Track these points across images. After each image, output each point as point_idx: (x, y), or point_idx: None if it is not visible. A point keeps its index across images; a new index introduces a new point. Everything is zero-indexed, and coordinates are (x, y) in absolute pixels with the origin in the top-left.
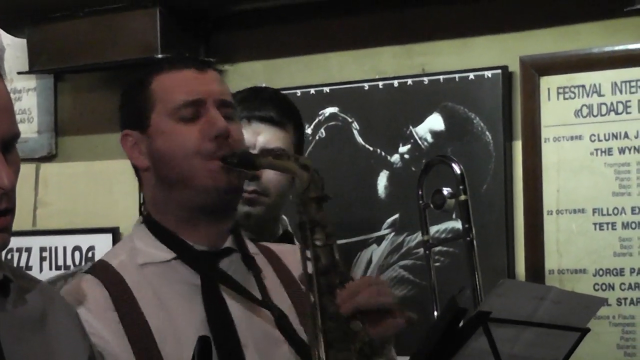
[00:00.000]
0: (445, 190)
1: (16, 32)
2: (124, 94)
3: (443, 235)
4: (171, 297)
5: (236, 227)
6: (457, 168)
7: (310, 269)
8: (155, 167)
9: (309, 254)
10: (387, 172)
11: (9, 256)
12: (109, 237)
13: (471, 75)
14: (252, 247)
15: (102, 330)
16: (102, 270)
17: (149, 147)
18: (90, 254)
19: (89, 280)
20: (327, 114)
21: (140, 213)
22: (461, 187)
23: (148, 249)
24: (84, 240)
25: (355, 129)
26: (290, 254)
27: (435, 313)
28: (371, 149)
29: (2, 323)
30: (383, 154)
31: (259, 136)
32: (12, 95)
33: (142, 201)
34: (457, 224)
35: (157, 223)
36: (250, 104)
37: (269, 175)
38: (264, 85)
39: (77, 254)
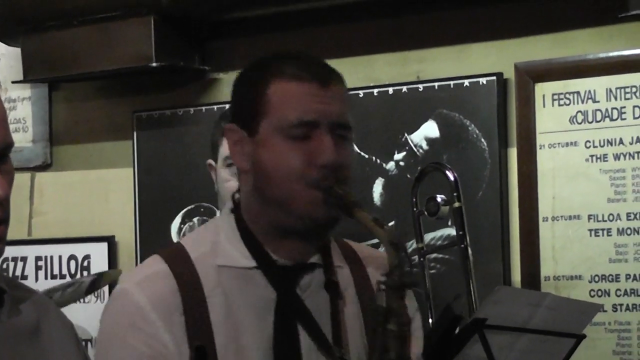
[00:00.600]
0: (439, 198)
1: (10, 41)
2: (238, 84)
3: (439, 243)
4: (243, 309)
5: (326, 242)
6: (451, 175)
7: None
8: (255, 175)
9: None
10: (383, 180)
11: (4, 265)
12: (104, 245)
13: (466, 82)
14: (338, 257)
15: (164, 333)
16: (180, 264)
17: (253, 153)
18: (85, 263)
19: (164, 273)
20: None
21: (232, 199)
22: (455, 194)
23: (231, 249)
24: (80, 249)
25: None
26: (380, 267)
27: (431, 320)
28: (366, 156)
29: None
30: (378, 161)
31: None
32: (6, 105)
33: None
34: (453, 231)
35: (246, 225)
36: None
37: None
38: None
39: (72, 263)
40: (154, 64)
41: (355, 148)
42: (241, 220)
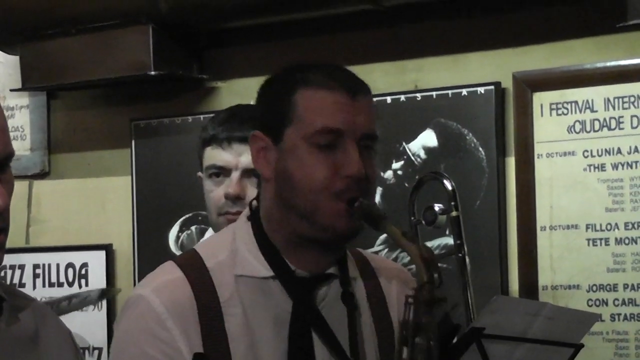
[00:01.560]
0: (437, 207)
1: (9, 50)
2: (264, 91)
3: (436, 252)
4: (260, 320)
5: (343, 253)
6: (448, 184)
7: None
8: (278, 184)
9: (405, 353)
10: (381, 189)
11: (2, 273)
12: (102, 254)
13: (464, 92)
14: (353, 269)
15: (180, 341)
16: (196, 272)
17: (277, 161)
18: (83, 271)
19: (180, 280)
20: None
21: (250, 206)
22: (453, 203)
23: (250, 258)
24: (77, 258)
25: None
26: (394, 279)
27: None
28: None
29: None
30: (380, 170)
31: (241, 157)
32: (4, 113)
33: (256, 196)
34: (451, 240)
35: (264, 234)
36: (230, 124)
37: None
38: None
39: (70, 271)
40: (153, 73)
41: None
42: (259, 228)
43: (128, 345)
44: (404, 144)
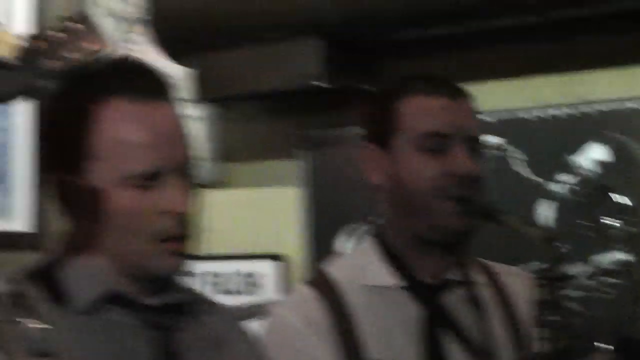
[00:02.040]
0: (611, 221)
1: (183, 62)
2: (369, 104)
3: (609, 267)
4: (391, 327)
5: (465, 259)
6: (621, 199)
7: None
8: (393, 190)
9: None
10: (549, 202)
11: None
12: (272, 263)
13: (635, 105)
14: (476, 275)
15: (322, 353)
16: (326, 287)
17: (387, 168)
18: (253, 280)
19: (313, 297)
20: (487, 143)
21: (369, 222)
22: (626, 218)
23: (377, 269)
24: (248, 266)
25: (516, 158)
26: (519, 284)
27: (602, 345)
28: (532, 178)
29: (183, 343)
30: (544, 183)
31: None
32: (184, 122)
33: (374, 213)
34: (623, 256)
35: (389, 245)
36: None
37: None
38: None
39: (241, 279)
40: (323, 85)
41: (521, 170)
42: (384, 241)
43: None
44: (572, 157)
